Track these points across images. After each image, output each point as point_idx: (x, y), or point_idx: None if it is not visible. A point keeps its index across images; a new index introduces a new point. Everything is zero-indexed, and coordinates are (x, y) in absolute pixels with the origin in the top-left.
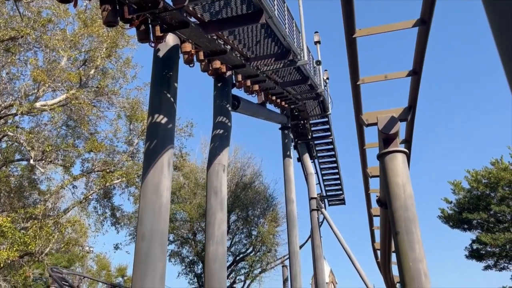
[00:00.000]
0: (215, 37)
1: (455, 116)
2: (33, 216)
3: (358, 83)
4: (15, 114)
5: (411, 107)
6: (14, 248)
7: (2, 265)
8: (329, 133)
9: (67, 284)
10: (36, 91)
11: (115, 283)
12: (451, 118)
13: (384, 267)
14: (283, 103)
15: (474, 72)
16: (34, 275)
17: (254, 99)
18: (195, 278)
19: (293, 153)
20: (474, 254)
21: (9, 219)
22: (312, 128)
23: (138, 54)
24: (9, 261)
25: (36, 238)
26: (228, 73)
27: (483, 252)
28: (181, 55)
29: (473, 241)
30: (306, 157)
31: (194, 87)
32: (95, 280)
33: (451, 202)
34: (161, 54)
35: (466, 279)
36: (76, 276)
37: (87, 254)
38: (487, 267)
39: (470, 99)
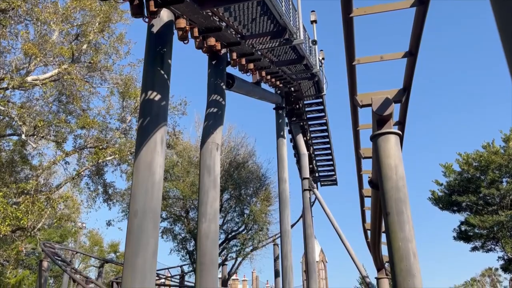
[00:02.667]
0: (210, 13)
1: (449, 99)
2: (25, 191)
3: (353, 63)
4: (6, 88)
5: (406, 89)
6: (6, 223)
7: None
8: (323, 114)
9: (60, 259)
10: (27, 65)
11: (107, 258)
12: (445, 101)
13: (374, 246)
14: (278, 82)
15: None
16: (26, 249)
17: (248, 78)
18: (187, 255)
19: (287, 134)
20: (462, 236)
21: (0, 193)
22: (306, 109)
23: (131, 30)
24: (1, 235)
25: (28, 213)
26: (223, 50)
27: (471, 233)
28: (175, 32)
29: (462, 223)
30: (300, 137)
31: (188, 64)
32: (87, 255)
33: (441, 185)
34: (155, 30)
35: (453, 259)
36: (69, 251)
37: (79, 230)
38: (474, 248)
39: (465, 83)
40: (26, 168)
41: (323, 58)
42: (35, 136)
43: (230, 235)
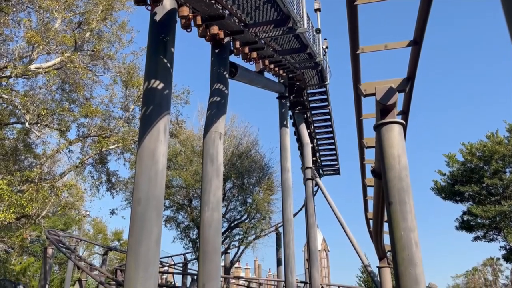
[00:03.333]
0: (213, 1)
1: (454, 89)
2: (29, 179)
3: (357, 52)
4: (9, 76)
5: (410, 78)
6: (11, 210)
7: None
8: (326, 103)
9: (64, 246)
10: (30, 53)
11: (111, 246)
12: (449, 91)
13: (376, 236)
14: (281, 71)
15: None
16: (31, 237)
17: (252, 67)
18: (190, 243)
19: (290, 123)
20: (464, 225)
21: (5, 181)
22: (310, 98)
23: (134, 18)
24: (6, 223)
25: (33, 201)
26: (226, 39)
27: (473, 223)
28: (178, 20)
29: (464, 213)
30: (303, 127)
31: (191, 53)
32: (91, 243)
33: (444, 174)
34: (157, 18)
35: (455, 249)
36: (73, 239)
37: (83, 218)
38: (476, 238)
39: (469, 73)
40: (30, 156)
41: (326, 47)
42: (39, 125)
43: (233, 224)
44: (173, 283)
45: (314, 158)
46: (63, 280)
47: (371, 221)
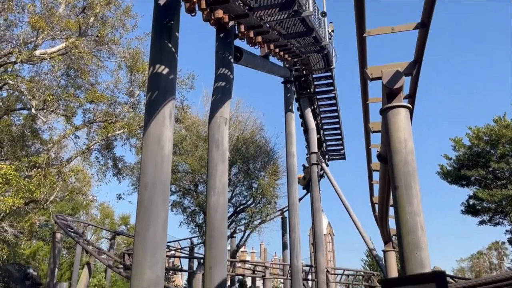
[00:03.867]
0: None
1: (461, 72)
2: (37, 164)
3: (364, 35)
4: (15, 62)
5: (417, 62)
6: (19, 196)
7: (8, 211)
8: (332, 87)
9: (72, 231)
10: (35, 38)
11: (118, 231)
12: (457, 74)
13: (381, 220)
14: (286, 56)
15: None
16: (39, 221)
17: (257, 51)
18: (196, 228)
19: (295, 108)
20: (470, 210)
21: (13, 167)
22: (315, 83)
23: (138, 2)
24: (14, 208)
25: (40, 186)
26: (231, 23)
27: (479, 207)
28: (182, 4)
29: (470, 197)
30: (308, 111)
31: (196, 38)
32: (99, 227)
33: (450, 159)
34: (161, 2)
35: (461, 233)
36: (81, 223)
37: (90, 203)
38: (482, 222)
39: (477, 55)
40: (37, 142)
41: (332, 31)
42: (45, 110)
43: (238, 209)
44: (180, 266)
45: (319, 143)
46: (72, 263)
47: (376, 206)
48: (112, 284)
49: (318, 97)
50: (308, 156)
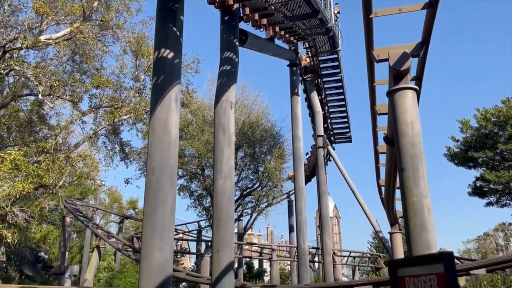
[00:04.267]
0: None
1: (469, 53)
2: (45, 150)
3: (370, 16)
4: (20, 48)
5: (424, 42)
6: (29, 181)
7: (18, 196)
8: (338, 70)
9: (81, 215)
10: (39, 24)
11: (127, 214)
12: (463, 54)
13: (387, 202)
14: (291, 38)
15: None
16: (49, 206)
17: (262, 34)
18: (204, 211)
19: (301, 91)
20: (477, 191)
21: (21, 152)
22: (321, 65)
23: None
24: (24, 193)
25: (49, 171)
26: (236, 5)
27: (486, 189)
28: None
29: (477, 179)
30: (314, 94)
31: (200, 22)
32: (107, 211)
33: (458, 141)
34: None
35: (467, 215)
36: (90, 208)
37: (99, 188)
38: (489, 204)
39: (485, 37)
40: (44, 127)
41: (338, 12)
42: (51, 96)
43: (245, 192)
44: (188, 249)
45: (325, 125)
46: (82, 247)
47: (383, 188)
48: (122, 267)
49: (324, 79)
50: (313, 146)
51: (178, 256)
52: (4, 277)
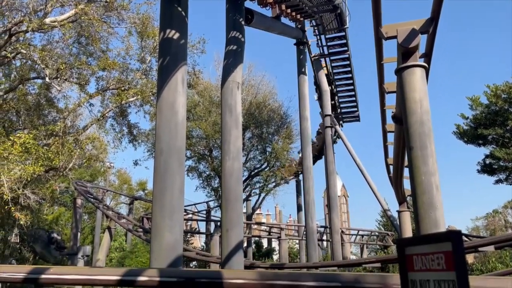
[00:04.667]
0: None
1: (478, 28)
2: (54, 133)
3: None
4: (26, 31)
5: (434, 19)
6: (39, 163)
7: (29, 179)
8: (345, 48)
9: (92, 196)
10: (44, 6)
11: (136, 196)
12: (475, 30)
13: (396, 181)
14: (298, 16)
15: None
16: (60, 188)
17: (268, 12)
18: (212, 192)
19: (309, 70)
20: (486, 169)
21: (31, 135)
22: (328, 43)
23: None
24: (35, 175)
25: (59, 154)
26: None
27: (496, 166)
28: None
29: (487, 156)
30: (321, 73)
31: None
32: (117, 193)
33: (467, 118)
34: None
35: (476, 193)
36: (100, 189)
37: (108, 170)
38: (498, 181)
39: (494, 11)
40: (53, 110)
41: None
42: (59, 79)
43: (253, 172)
44: (197, 229)
45: (333, 102)
46: (93, 228)
47: (391, 167)
48: (133, 247)
49: (331, 58)
50: (320, 124)
51: (188, 236)
52: (19, 257)
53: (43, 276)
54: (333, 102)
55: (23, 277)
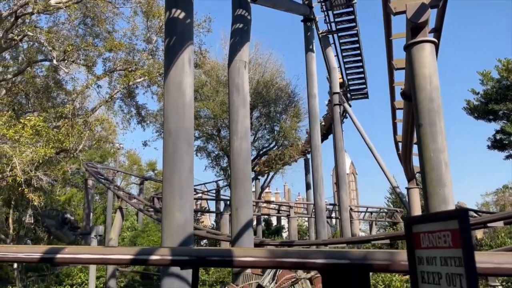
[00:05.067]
0: None
1: (491, 1)
2: (63, 115)
3: None
4: (32, 13)
5: None
6: (50, 146)
7: (41, 161)
8: (354, 24)
9: (103, 177)
10: None
11: (146, 176)
12: (485, 3)
13: (404, 158)
14: None
15: None
16: (71, 169)
17: None
18: (221, 171)
19: (316, 47)
20: (497, 144)
21: (41, 118)
22: (336, 20)
23: None
24: (46, 157)
25: (69, 136)
26: None
27: (506, 142)
28: None
29: (497, 132)
30: (329, 50)
31: None
32: (127, 174)
33: (478, 93)
34: None
35: (486, 169)
36: (110, 170)
37: (118, 151)
38: (508, 157)
39: None
40: (61, 93)
41: None
42: (66, 61)
43: (261, 151)
44: (207, 208)
45: (341, 80)
46: (105, 208)
47: (400, 144)
48: (144, 226)
49: (339, 34)
50: (327, 103)
51: (198, 215)
52: (34, 238)
53: (58, 255)
54: (341, 79)
55: (39, 257)
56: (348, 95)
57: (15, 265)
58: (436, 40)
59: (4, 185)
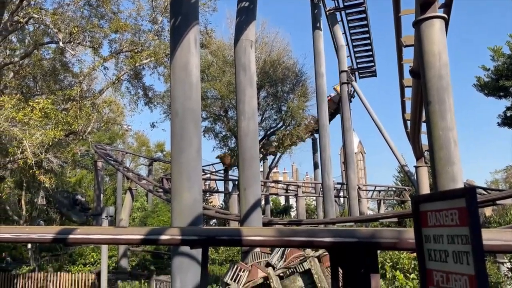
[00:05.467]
0: None
1: None
2: (71, 97)
3: None
4: None
5: None
6: (59, 128)
7: (50, 143)
8: (361, 0)
9: (112, 159)
10: None
11: (155, 157)
12: None
13: (413, 136)
14: None
15: None
16: (80, 151)
17: None
18: (229, 152)
19: (324, 25)
20: (507, 121)
21: (49, 100)
22: None
23: None
24: (56, 140)
25: (77, 118)
26: None
27: None
28: None
29: (508, 108)
30: (337, 28)
31: None
32: (136, 155)
33: (488, 70)
34: None
35: (496, 146)
36: (119, 152)
37: (126, 132)
38: None
39: None
40: (68, 75)
41: None
42: (72, 43)
43: (269, 132)
44: (216, 188)
45: (349, 58)
46: (115, 189)
47: (408, 122)
48: (154, 207)
49: (347, 11)
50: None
51: (207, 195)
52: (46, 218)
53: (71, 236)
54: (349, 57)
55: (52, 237)
56: (356, 73)
57: (29, 246)
58: (446, 16)
59: (16, 168)
